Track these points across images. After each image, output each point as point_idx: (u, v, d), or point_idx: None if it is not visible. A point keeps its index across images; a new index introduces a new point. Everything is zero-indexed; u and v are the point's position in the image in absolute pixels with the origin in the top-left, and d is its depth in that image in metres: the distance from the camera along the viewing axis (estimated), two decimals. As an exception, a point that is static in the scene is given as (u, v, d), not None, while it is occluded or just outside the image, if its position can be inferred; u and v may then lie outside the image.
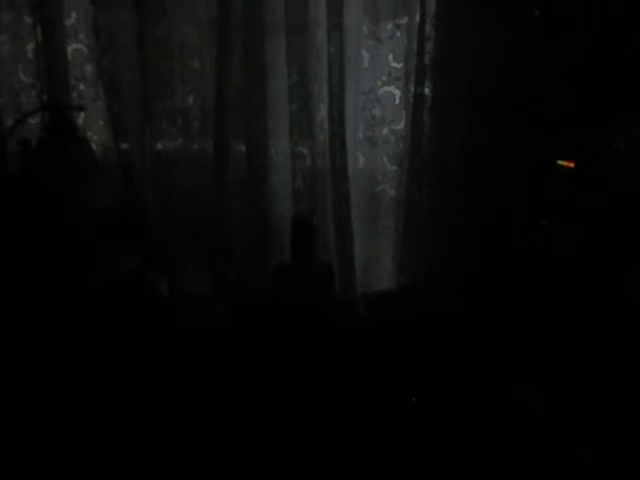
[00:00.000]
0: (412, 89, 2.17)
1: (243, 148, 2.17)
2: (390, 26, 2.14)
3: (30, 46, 1.97)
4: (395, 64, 2.17)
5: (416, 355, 2.09)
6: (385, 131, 2.24)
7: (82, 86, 2.05)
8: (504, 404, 1.87)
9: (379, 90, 2.20)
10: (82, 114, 2.06)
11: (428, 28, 2.12)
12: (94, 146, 2.06)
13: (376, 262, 2.38)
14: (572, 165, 2.10)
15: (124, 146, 2.10)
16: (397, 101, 2.21)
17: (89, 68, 2.05)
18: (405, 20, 2.14)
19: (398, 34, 2.14)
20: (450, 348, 2.11)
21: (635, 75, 1.96)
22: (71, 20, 2.01)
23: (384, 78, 2.19)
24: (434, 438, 1.72)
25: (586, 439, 1.67)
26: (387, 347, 2.13)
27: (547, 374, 1.95)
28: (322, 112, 2.16)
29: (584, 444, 1.66)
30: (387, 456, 1.66)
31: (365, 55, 2.16)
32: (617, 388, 1.79)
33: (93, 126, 2.10)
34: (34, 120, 1.99)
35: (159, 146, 2.14)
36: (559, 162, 2.14)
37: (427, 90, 2.17)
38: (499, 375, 2.00)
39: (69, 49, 2.02)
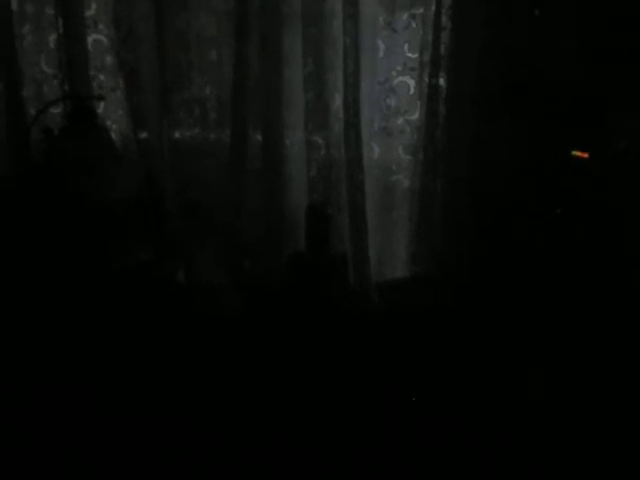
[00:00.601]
0: (427, 79, 2.17)
1: (259, 138, 2.19)
2: (406, 16, 2.14)
3: (52, 37, 2.02)
4: (410, 54, 2.18)
5: (427, 345, 2.10)
6: (400, 121, 2.25)
7: (102, 76, 2.10)
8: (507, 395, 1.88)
9: (394, 80, 2.21)
10: (102, 104, 2.10)
11: (444, 19, 2.11)
12: (114, 135, 2.11)
13: (390, 252, 2.39)
14: (586, 155, 2.10)
15: (143, 135, 2.14)
16: (412, 91, 2.22)
17: (109, 58, 2.09)
18: (421, 10, 2.13)
19: (414, 24, 2.15)
20: (460, 338, 2.13)
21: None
22: (91, 11, 2.06)
23: (399, 68, 2.19)
24: (441, 430, 1.74)
25: (586, 435, 1.67)
26: (400, 336, 2.15)
27: (554, 367, 1.96)
28: (337, 102, 2.17)
29: (583, 441, 1.67)
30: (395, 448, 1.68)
31: (380, 45, 2.16)
32: (620, 384, 1.81)
33: (113, 115, 2.14)
34: (56, 110, 2.03)
35: (177, 135, 2.19)
36: (573, 153, 2.14)
37: (442, 81, 2.17)
38: (505, 366, 2.01)
39: (89, 40, 2.06)
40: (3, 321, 1.87)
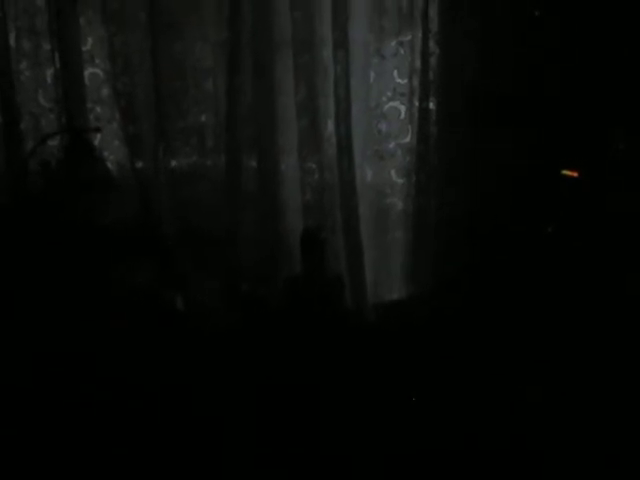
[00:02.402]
0: (416, 104, 2.22)
1: (254, 164, 2.23)
2: (394, 43, 2.21)
3: (49, 72, 2.06)
4: (400, 80, 2.23)
5: (425, 362, 2.11)
6: (391, 145, 2.30)
7: (99, 108, 2.14)
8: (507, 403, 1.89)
9: (385, 105, 2.26)
10: (99, 135, 2.13)
11: (431, 45, 2.17)
12: (110, 165, 2.14)
13: (386, 273, 2.41)
14: (575, 174, 2.14)
15: (139, 164, 2.17)
16: (402, 116, 2.27)
17: (105, 91, 2.14)
18: (408, 37, 2.20)
19: (402, 51, 2.21)
20: (458, 354, 2.14)
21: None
22: (87, 46, 2.10)
23: (389, 94, 2.25)
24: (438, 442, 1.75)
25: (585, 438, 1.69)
26: (397, 355, 2.16)
27: (550, 375, 1.98)
28: (330, 127, 2.22)
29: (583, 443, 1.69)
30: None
31: (370, 72, 2.22)
32: (617, 387, 1.83)
33: (109, 146, 2.17)
34: (53, 142, 2.07)
35: (173, 163, 2.22)
36: (563, 172, 2.18)
37: (431, 104, 2.22)
38: (503, 376, 2.02)
39: (86, 73, 2.11)
40: (3, 345, 1.88)
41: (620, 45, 2.07)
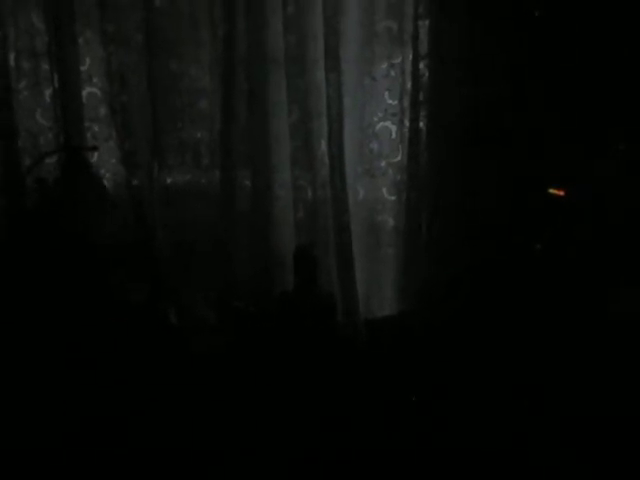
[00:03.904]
0: (407, 124, 2.27)
1: (248, 182, 2.28)
2: (385, 65, 2.27)
3: (48, 91, 2.10)
4: (390, 101, 2.29)
5: (417, 375, 2.14)
6: (383, 164, 2.35)
7: (96, 127, 2.19)
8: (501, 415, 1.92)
9: (376, 125, 2.32)
10: (96, 153, 2.17)
11: (421, 67, 2.23)
12: (107, 183, 2.18)
13: (378, 289, 2.45)
14: (562, 193, 2.19)
15: (135, 182, 2.22)
16: (394, 135, 2.32)
17: (102, 110, 2.18)
18: (399, 60, 2.26)
19: (392, 73, 2.26)
20: (450, 367, 2.17)
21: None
22: (85, 66, 2.15)
23: (380, 114, 2.30)
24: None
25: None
26: (390, 370, 2.19)
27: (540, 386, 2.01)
28: (322, 147, 2.26)
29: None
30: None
31: (362, 93, 2.27)
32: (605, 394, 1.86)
33: (106, 164, 2.21)
34: (51, 160, 2.11)
35: (168, 181, 2.27)
36: (550, 190, 2.24)
37: (422, 124, 2.28)
38: (495, 388, 2.05)
39: (84, 93, 2.16)
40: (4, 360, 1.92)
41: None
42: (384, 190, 2.39)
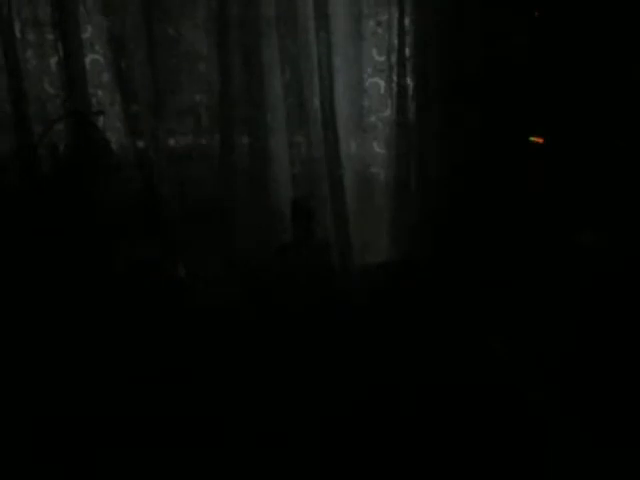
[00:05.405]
0: (395, 79, 2.38)
1: (246, 141, 2.40)
2: (372, 23, 2.36)
3: (53, 60, 2.21)
4: (378, 57, 2.39)
5: (409, 323, 2.29)
6: (373, 119, 2.47)
7: (100, 92, 2.28)
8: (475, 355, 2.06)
9: (366, 82, 2.43)
10: (102, 118, 2.29)
11: (407, 23, 2.33)
12: (113, 146, 2.31)
13: (370, 238, 2.59)
14: (541, 141, 2.32)
15: (140, 144, 2.34)
16: (382, 91, 2.44)
17: (106, 75, 2.28)
18: (385, 17, 2.35)
19: (379, 30, 2.36)
20: (440, 315, 2.32)
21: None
22: (87, 34, 2.24)
23: (369, 70, 2.41)
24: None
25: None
26: (382, 316, 2.35)
27: (514, 326, 2.16)
28: (315, 104, 2.37)
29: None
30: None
31: (351, 51, 2.37)
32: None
33: (111, 128, 2.33)
34: (59, 126, 2.24)
35: (171, 142, 2.38)
36: (530, 138, 2.36)
37: (408, 80, 2.39)
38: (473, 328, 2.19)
39: (87, 60, 2.24)
40: (9, 320, 2.04)
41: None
42: (374, 144, 2.51)
